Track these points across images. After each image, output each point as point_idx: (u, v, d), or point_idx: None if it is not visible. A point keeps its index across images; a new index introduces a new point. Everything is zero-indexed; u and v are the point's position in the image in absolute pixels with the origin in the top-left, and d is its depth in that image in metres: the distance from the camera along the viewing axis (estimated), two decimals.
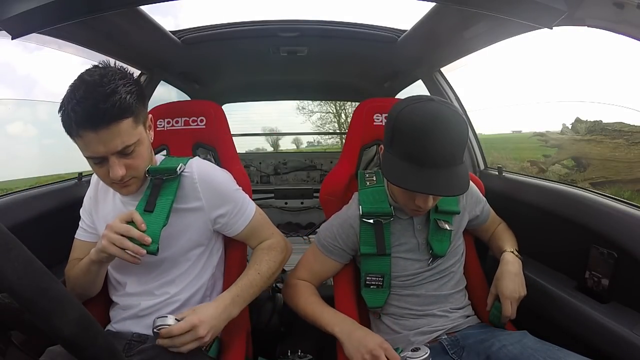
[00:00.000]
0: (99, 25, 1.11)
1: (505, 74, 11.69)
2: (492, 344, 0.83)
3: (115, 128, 0.71)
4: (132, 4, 0.99)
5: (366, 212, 0.92)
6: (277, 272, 0.92)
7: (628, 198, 1.34)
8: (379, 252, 0.91)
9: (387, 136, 0.82)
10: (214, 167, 0.93)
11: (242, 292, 0.85)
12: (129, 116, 0.73)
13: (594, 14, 0.82)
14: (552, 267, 1.02)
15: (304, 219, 2.59)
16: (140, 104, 0.76)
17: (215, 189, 0.87)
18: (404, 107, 0.77)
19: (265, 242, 0.94)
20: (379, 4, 4.31)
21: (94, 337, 0.49)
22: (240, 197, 0.92)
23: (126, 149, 0.75)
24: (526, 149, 7.20)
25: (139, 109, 0.76)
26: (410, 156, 0.75)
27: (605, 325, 0.81)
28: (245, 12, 8.82)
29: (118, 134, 0.72)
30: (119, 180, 0.76)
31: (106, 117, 0.70)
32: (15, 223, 0.90)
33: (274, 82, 2.32)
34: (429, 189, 0.75)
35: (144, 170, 0.81)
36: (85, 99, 0.69)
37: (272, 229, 0.97)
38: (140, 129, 0.77)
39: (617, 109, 6.24)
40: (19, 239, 0.45)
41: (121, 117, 0.71)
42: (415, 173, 0.74)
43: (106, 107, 0.69)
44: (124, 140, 0.73)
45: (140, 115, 0.77)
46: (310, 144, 7.49)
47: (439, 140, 0.73)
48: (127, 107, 0.72)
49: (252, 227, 0.92)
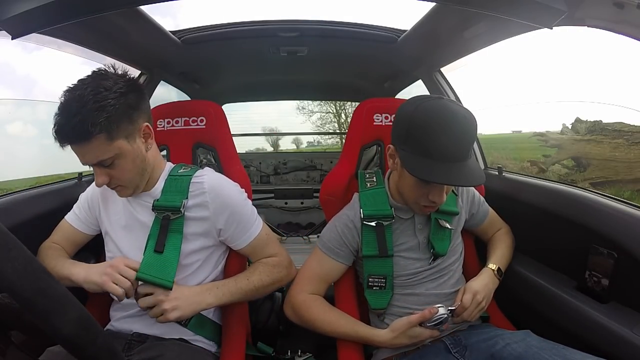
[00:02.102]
0: (99, 25, 1.10)
1: (505, 74, 11.71)
2: (495, 342, 0.83)
3: (85, 145, 0.74)
4: (132, 4, 0.99)
5: (367, 215, 0.92)
6: (268, 287, 0.92)
7: (628, 198, 1.34)
8: (381, 254, 0.91)
9: (399, 134, 0.83)
10: (226, 179, 0.94)
11: (223, 287, 0.87)
12: (96, 134, 0.73)
13: (594, 14, 0.82)
14: (552, 267, 1.02)
15: (304, 219, 2.59)
16: (119, 118, 0.76)
17: (223, 200, 0.87)
18: (417, 106, 0.80)
19: (268, 258, 0.94)
20: (379, 4, 4.31)
21: (94, 337, 0.49)
22: (247, 212, 0.91)
23: (103, 162, 0.77)
24: (526, 149, 7.20)
25: (114, 125, 0.75)
26: (428, 152, 0.77)
27: (605, 325, 0.80)
28: (245, 12, 8.83)
29: (89, 150, 0.75)
30: (102, 186, 0.81)
31: (72, 136, 0.74)
32: (15, 223, 0.90)
33: (274, 82, 2.32)
34: (457, 181, 0.81)
35: (130, 179, 0.82)
36: (58, 116, 0.73)
37: (277, 249, 0.96)
38: (119, 143, 0.77)
39: (617, 109, 6.24)
40: (19, 239, 0.45)
41: (87, 137, 0.73)
42: (437, 167, 0.77)
43: (69, 127, 0.72)
44: (97, 155, 0.76)
45: (116, 130, 0.76)
46: (310, 144, 7.48)
47: (455, 136, 0.77)
48: (92, 127, 0.72)
49: (256, 244, 0.92)
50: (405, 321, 0.84)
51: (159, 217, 0.85)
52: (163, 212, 0.85)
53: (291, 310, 0.96)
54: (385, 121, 1.13)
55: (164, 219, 0.85)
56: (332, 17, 1.48)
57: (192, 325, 0.87)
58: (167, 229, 0.84)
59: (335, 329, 0.91)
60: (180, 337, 0.86)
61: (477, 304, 0.87)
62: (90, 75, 0.77)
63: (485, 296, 0.89)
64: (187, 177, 0.88)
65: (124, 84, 0.78)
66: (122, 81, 0.78)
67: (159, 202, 0.86)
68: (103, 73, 0.78)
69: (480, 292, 0.88)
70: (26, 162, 5.43)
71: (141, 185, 0.86)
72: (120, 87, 0.76)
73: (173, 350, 0.80)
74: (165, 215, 0.85)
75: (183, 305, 0.80)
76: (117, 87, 0.76)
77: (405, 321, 0.84)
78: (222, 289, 0.87)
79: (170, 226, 0.84)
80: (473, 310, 0.86)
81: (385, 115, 1.13)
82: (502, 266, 0.97)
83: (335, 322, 0.91)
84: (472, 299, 0.86)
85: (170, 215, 0.85)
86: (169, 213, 0.85)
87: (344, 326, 0.90)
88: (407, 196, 0.90)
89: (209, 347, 0.89)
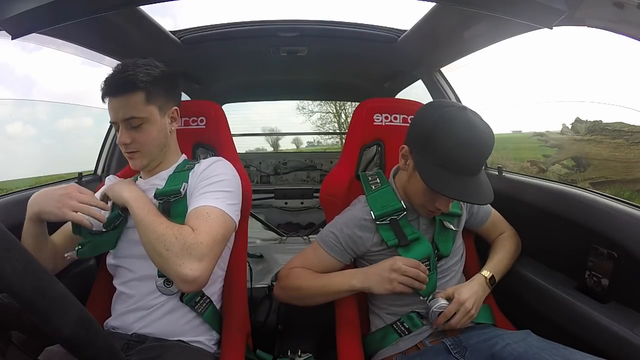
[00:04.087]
0: (99, 25, 1.10)
1: (505, 74, 11.71)
2: (495, 342, 0.83)
3: (123, 99, 0.86)
4: (132, 4, 1.00)
5: (379, 215, 0.92)
6: (166, 242, 0.73)
7: (628, 198, 1.34)
8: (401, 243, 0.90)
9: (417, 140, 0.84)
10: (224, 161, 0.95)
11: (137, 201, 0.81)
12: (139, 91, 0.85)
13: (594, 14, 0.82)
14: (551, 267, 1.02)
15: (304, 219, 2.59)
16: (160, 87, 0.89)
17: (208, 167, 0.90)
18: (439, 116, 0.79)
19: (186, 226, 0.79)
20: (379, 4, 4.31)
21: (94, 337, 0.49)
22: (213, 186, 0.85)
23: (132, 121, 0.86)
24: (526, 149, 7.19)
25: (154, 90, 0.88)
26: (446, 164, 0.78)
27: (605, 325, 0.81)
28: (245, 12, 8.82)
29: (127, 104, 0.86)
30: (123, 145, 0.88)
31: (119, 85, 0.85)
32: (15, 223, 0.90)
33: (274, 82, 2.31)
34: (470, 198, 0.81)
35: (150, 148, 0.90)
36: (111, 74, 0.87)
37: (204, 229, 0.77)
38: (152, 109, 0.88)
39: (617, 109, 6.24)
40: (19, 239, 0.45)
41: (131, 89, 0.85)
42: (452, 180, 0.78)
43: (119, 77, 0.85)
44: (130, 111, 0.86)
45: (154, 97, 0.88)
46: (310, 144, 7.49)
47: (474, 152, 0.78)
48: (137, 83, 0.85)
49: (193, 212, 0.81)
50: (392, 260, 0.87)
51: (160, 202, 0.87)
52: (163, 198, 0.87)
53: (279, 287, 0.98)
54: (385, 121, 1.13)
55: (165, 203, 0.87)
56: (332, 17, 1.48)
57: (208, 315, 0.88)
58: (169, 212, 0.85)
59: (316, 286, 0.93)
60: (179, 338, 0.85)
61: (465, 312, 0.87)
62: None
63: (474, 303, 0.88)
64: (190, 170, 0.92)
65: (169, 71, 0.93)
66: (166, 69, 0.93)
67: (159, 190, 0.88)
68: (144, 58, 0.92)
69: (468, 300, 0.87)
70: (26, 162, 5.43)
71: (156, 161, 0.93)
72: (166, 69, 0.93)
73: (172, 351, 0.80)
74: (165, 200, 0.87)
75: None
76: (164, 68, 0.92)
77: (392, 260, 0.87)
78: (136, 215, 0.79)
79: (172, 208, 0.86)
80: (461, 318, 0.86)
81: (385, 115, 1.13)
82: (498, 273, 0.96)
83: (313, 282, 0.93)
84: (459, 308, 0.87)
85: (171, 199, 0.87)
86: (169, 197, 0.87)
87: (319, 282, 0.93)
88: (413, 198, 0.90)
89: (208, 348, 0.89)
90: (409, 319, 0.91)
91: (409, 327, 0.91)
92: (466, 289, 0.90)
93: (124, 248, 0.88)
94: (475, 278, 0.94)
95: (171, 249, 0.73)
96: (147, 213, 0.79)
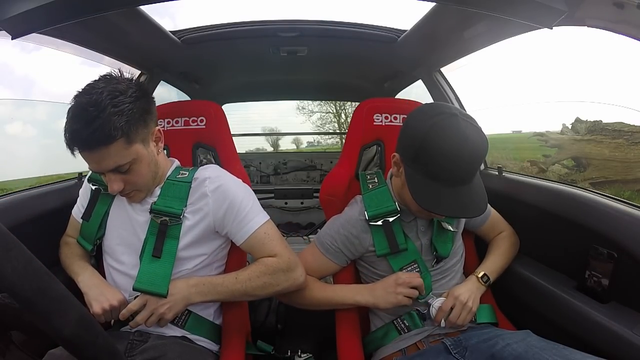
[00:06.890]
0: (99, 25, 1.10)
1: (505, 74, 11.72)
2: (495, 342, 0.83)
3: (104, 151, 0.73)
4: (132, 4, 0.99)
5: (372, 215, 0.92)
6: (261, 289, 0.85)
7: (628, 198, 1.34)
8: (393, 251, 0.91)
9: (407, 151, 0.82)
10: (228, 173, 0.92)
11: (209, 283, 0.84)
12: (117, 138, 0.73)
13: (594, 14, 0.82)
14: (551, 267, 1.02)
15: (304, 219, 2.59)
16: (136, 122, 0.76)
17: (224, 189, 0.87)
18: (429, 127, 0.77)
19: (267, 258, 0.87)
20: (379, 4, 4.31)
21: (94, 338, 0.49)
22: (247, 205, 0.87)
23: (120, 168, 0.77)
24: (526, 149, 7.19)
25: (132, 129, 0.75)
26: (437, 177, 0.77)
27: (605, 325, 0.81)
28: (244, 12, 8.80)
29: (108, 155, 0.74)
30: (117, 193, 0.81)
31: (91, 142, 0.72)
32: (15, 223, 0.90)
33: (274, 82, 2.31)
34: (461, 212, 0.81)
35: (145, 183, 0.83)
36: (73, 122, 0.71)
37: (278, 249, 0.87)
38: (136, 147, 0.77)
39: (617, 109, 6.24)
40: (19, 239, 0.45)
41: (107, 142, 0.72)
42: (443, 193, 0.77)
43: (89, 132, 0.70)
44: (116, 160, 0.75)
45: (135, 134, 0.76)
46: (310, 144, 7.48)
47: (465, 162, 0.76)
48: (113, 131, 0.71)
49: (254, 241, 0.87)
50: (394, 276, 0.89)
51: (155, 221, 0.84)
52: (160, 217, 0.84)
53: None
54: (385, 121, 1.13)
55: (162, 224, 0.84)
56: (332, 17, 1.48)
57: (190, 326, 0.86)
58: (165, 234, 0.84)
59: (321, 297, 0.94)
60: (183, 334, 0.86)
61: (461, 305, 0.88)
62: (100, 80, 0.76)
63: (469, 297, 0.89)
64: (186, 184, 0.87)
65: (137, 89, 0.77)
66: (133, 85, 0.77)
67: (157, 206, 0.85)
68: (114, 77, 0.77)
69: (462, 294, 0.89)
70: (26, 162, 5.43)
71: (152, 189, 0.87)
72: (133, 91, 0.76)
73: (175, 350, 0.80)
74: (163, 220, 0.84)
75: (175, 301, 0.81)
76: (131, 92, 0.75)
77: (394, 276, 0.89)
78: (208, 286, 0.84)
79: (168, 232, 0.84)
80: (460, 311, 0.88)
81: (385, 115, 1.13)
82: (492, 272, 0.96)
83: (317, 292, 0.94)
84: (455, 303, 0.88)
85: (169, 222, 0.84)
86: (167, 218, 0.84)
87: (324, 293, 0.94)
88: (408, 204, 0.90)
89: (210, 346, 0.89)
90: (409, 316, 0.92)
91: (410, 325, 0.91)
92: (459, 286, 0.92)
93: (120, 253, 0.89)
94: (468, 278, 0.95)
95: (279, 284, 0.86)
96: (220, 289, 0.84)
